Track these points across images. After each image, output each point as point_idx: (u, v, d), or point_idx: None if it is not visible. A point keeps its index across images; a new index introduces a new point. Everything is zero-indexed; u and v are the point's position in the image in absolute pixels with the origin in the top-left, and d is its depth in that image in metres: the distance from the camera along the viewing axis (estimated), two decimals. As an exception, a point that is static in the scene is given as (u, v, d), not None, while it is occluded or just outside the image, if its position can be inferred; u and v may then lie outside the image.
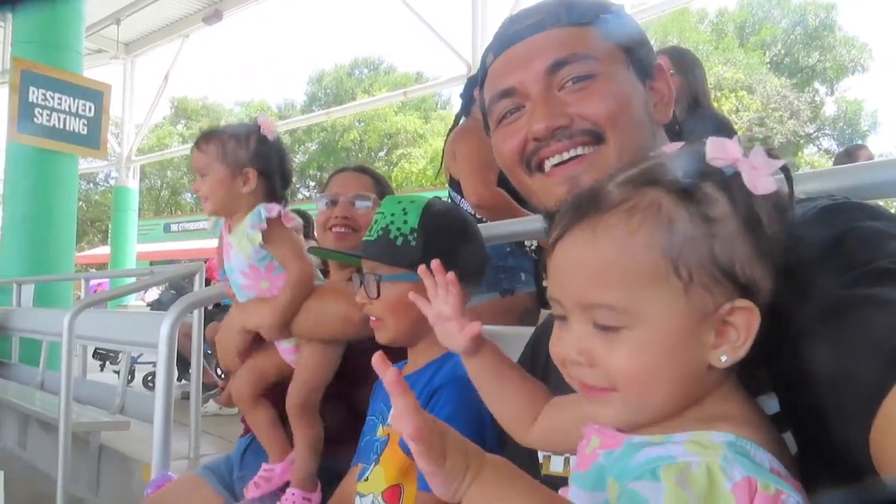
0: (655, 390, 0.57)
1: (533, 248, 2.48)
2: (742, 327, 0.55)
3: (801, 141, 22.99)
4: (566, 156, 0.86)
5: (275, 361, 1.54)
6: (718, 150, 0.58)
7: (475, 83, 2.71)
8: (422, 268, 0.79)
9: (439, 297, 0.79)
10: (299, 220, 1.53)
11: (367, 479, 1.14)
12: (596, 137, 0.85)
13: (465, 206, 2.40)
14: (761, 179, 0.56)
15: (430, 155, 25.52)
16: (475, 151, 2.33)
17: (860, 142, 22.35)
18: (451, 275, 0.77)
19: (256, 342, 1.56)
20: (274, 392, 1.60)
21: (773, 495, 0.49)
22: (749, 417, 0.56)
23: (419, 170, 25.47)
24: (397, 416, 0.56)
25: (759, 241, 0.56)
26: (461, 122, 2.68)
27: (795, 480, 0.53)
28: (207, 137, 1.51)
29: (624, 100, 0.85)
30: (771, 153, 0.58)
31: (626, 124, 0.85)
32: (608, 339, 0.57)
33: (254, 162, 1.49)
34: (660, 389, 0.57)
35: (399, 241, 1.16)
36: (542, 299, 2.58)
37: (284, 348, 1.53)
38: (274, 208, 1.45)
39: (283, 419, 1.53)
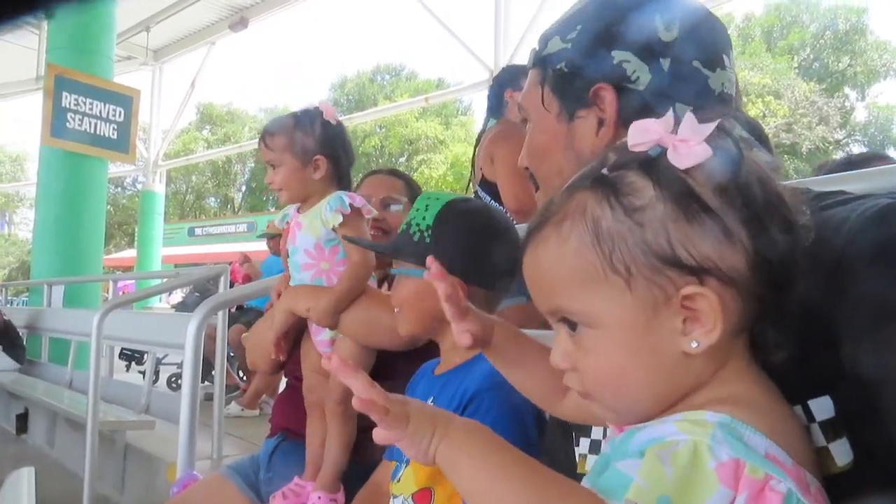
0: (627, 387, 0.57)
1: None
2: (706, 311, 0.53)
3: (831, 147, 22.61)
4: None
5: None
6: (639, 135, 0.57)
7: (504, 85, 2.72)
8: (429, 261, 0.75)
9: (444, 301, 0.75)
10: (374, 211, 1.55)
11: (399, 480, 1.13)
12: (535, 183, 0.93)
13: (497, 206, 2.39)
14: (688, 151, 0.54)
15: (451, 160, 25.57)
16: (515, 156, 2.30)
17: (893, 148, 21.94)
18: (443, 288, 0.73)
19: (289, 340, 1.55)
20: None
21: (760, 479, 0.47)
22: (754, 401, 0.54)
23: (439, 175, 25.51)
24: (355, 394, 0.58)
25: (703, 216, 0.53)
26: (489, 124, 2.67)
27: (802, 470, 0.51)
28: (273, 131, 1.53)
29: (540, 148, 0.90)
30: (704, 117, 0.55)
31: (546, 173, 0.90)
32: (578, 341, 0.58)
33: (322, 148, 1.51)
34: (632, 385, 0.56)
35: (416, 237, 1.17)
36: None
37: (320, 340, 1.53)
38: (356, 198, 1.48)
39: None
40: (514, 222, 2.32)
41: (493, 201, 2.42)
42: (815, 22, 24.32)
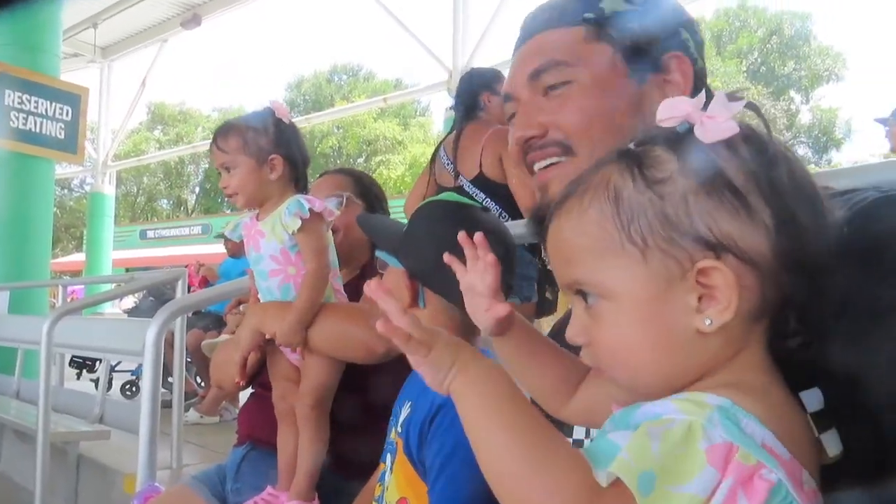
0: (638, 361, 0.57)
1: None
2: (721, 288, 0.53)
3: (777, 148, 23.40)
4: (543, 163, 0.88)
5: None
6: (668, 110, 0.57)
7: (478, 88, 2.77)
8: (462, 235, 0.75)
9: (476, 270, 0.74)
10: (336, 212, 1.52)
11: (387, 488, 1.11)
12: (566, 149, 0.86)
13: (490, 205, 2.46)
14: (714, 127, 0.54)
15: (409, 161, 25.55)
16: None
17: (835, 150, 22.82)
18: (491, 256, 0.73)
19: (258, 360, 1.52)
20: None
21: (751, 465, 0.47)
22: (762, 391, 0.53)
23: (398, 176, 25.47)
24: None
25: (725, 192, 0.53)
26: (465, 125, 2.72)
27: (800, 467, 0.51)
28: (226, 132, 1.48)
29: (599, 109, 0.84)
30: (733, 96, 0.55)
31: (601, 135, 0.83)
32: (592, 314, 0.58)
33: (277, 148, 1.48)
34: (642, 359, 0.56)
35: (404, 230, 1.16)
36: (538, 309, 2.64)
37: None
38: (315, 201, 1.44)
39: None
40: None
41: (487, 199, 2.47)
42: (762, 27, 25.09)
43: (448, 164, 2.74)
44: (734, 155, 0.54)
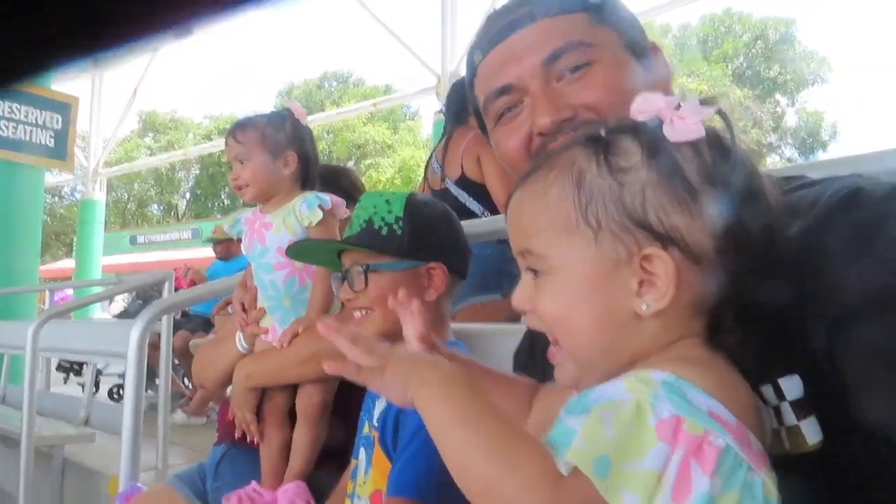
0: (579, 333, 0.59)
1: None
2: (662, 275, 0.56)
3: (764, 150, 23.53)
4: None
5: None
6: (643, 104, 0.60)
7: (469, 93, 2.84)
8: (403, 295, 0.76)
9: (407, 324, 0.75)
10: (348, 212, 1.53)
11: (358, 481, 1.12)
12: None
13: (472, 204, 2.54)
14: (683, 127, 0.56)
15: (399, 164, 25.57)
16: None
17: (821, 151, 22.98)
18: (416, 303, 0.75)
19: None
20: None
21: (699, 435, 0.49)
22: (702, 363, 0.56)
23: (387, 178, 25.45)
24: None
25: (680, 189, 0.56)
26: (454, 130, 2.79)
27: (746, 429, 0.52)
28: (244, 125, 1.51)
29: (624, 86, 0.82)
30: (706, 101, 0.58)
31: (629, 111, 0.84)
32: (538, 284, 0.61)
33: (293, 145, 1.50)
34: (583, 333, 0.59)
35: (384, 231, 1.15)
36: None
37: None
38: (332, 197, 1.47)
39: None
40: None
41: (470, 198, 2.55)
42: (747, 32, 25.24)
43: (438, 169, 2.84)
44: (696, 156, 0.57)
